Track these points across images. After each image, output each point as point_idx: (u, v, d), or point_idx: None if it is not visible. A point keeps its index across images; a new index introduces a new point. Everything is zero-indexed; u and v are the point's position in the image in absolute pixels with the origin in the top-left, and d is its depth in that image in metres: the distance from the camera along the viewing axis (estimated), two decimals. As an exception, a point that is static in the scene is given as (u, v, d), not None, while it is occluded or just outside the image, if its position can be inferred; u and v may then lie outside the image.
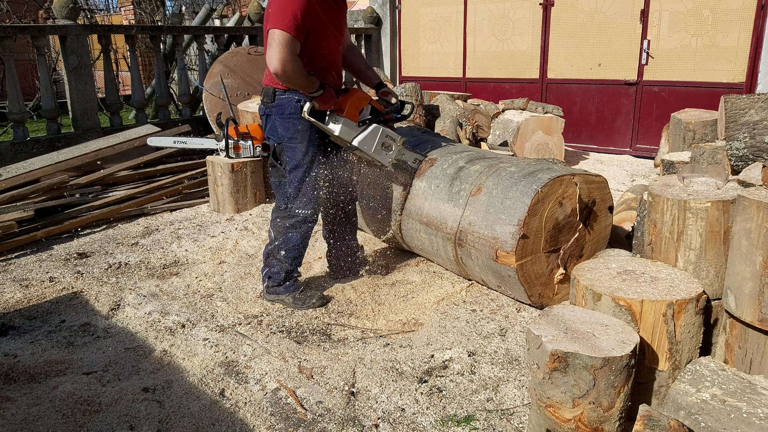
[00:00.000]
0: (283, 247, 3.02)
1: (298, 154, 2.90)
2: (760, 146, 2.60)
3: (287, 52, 2.63)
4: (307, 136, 2.88)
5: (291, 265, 3.05)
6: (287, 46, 2.62)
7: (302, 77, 2.71)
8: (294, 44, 2.65)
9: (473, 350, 2.58)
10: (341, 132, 2.91)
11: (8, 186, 4.28)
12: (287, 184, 2.98)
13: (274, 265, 3.06)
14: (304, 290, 3.09)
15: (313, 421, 2.13)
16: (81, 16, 9.86)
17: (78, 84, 5.71)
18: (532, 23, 7.14)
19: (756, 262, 1.80)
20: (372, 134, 3.02)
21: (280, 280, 3.06)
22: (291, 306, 3.04)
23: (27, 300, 3.18)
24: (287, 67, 2.64)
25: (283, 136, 2.91)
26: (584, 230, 2.96)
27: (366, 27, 8.50)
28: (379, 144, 3.05)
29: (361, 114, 2.99)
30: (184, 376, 2.42)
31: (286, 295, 3.06)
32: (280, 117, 2.88)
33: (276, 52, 2.63)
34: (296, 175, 2.92)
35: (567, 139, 6.78)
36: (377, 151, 3.06)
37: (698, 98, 6.19)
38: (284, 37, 2.62)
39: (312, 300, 3.04)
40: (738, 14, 5.82)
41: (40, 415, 2.15)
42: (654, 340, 1.95)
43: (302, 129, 2.87)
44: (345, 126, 2.91)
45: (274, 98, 2.88)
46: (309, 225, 3.01)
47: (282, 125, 2.89)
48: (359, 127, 2.98)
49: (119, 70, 11.13)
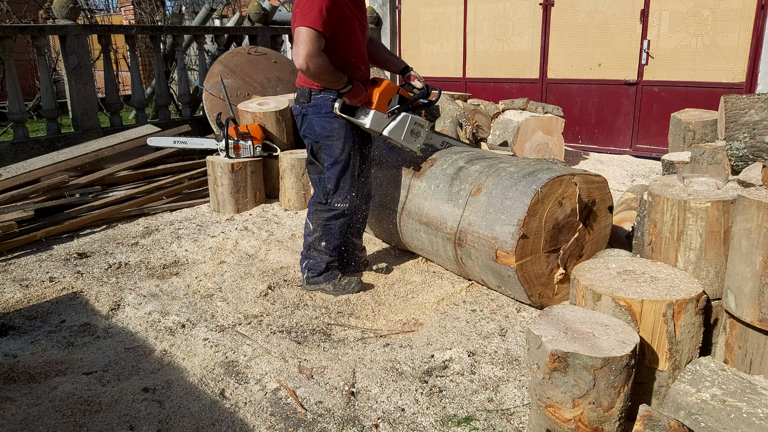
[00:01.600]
0: (324, 239, 3.13)
1: (336, 152, 2.99)
2: (760, 146, 2.60)
3: (312, 48, 2.68)
4: (343, 134, 2.98)
5: (331, 255, 3.16)
6: (312, 42, 2.67)
7: (328, 73, 2.77)
8: (319, 40, 2.71)
9: (473, 350, 2.58)
10: (372, 124, 2.99)
11: (8, 186, 4.28)
12: (326, 180, 3.07)
13: (315, 257, 3.17)
14: (342, 277, 3.19)
15: (313, 421, 2.13)
16: (81, 16, 9.87)
17: (78, 84, 5.71)
18: (532, 23, 7.14)
19: (756, 262, 1.80)
20: (401, 123, 3.09)
21: (321, 270, 3.17)
22: (332, 293, 3.16)
23: (27, 300, 3.18)
24: (312, 63, 2.70)
25: (321, 135, 2.99)
26: (584, 230, 2.96)
27: (366, 27, 8.50)
28: (408, 131, 3.13)
29: (390, 104, 3.06)
30: (184, 376, 2.42)
31: (327, 284, 3.18)
32: (317, 116, 2.96)
33: (301, 49, 2.68)
34: (335, 171, 3.02)
35: (567, 139, 6.78)
36: (407, 138, 3.14)
37: (698, 98, 6.19)
38: (309, 34, 2.67)
39: (351, 285, 3.16)
40: (738, 14, 5.82)
41: (40, 415, 2.15)
42: (654, 340, 1.95)
43: (338, 127, 2.96)
44: (375, 118, 2.99)
45: (311, 98, 2.95)
46: (347, 217, 3.13)
47: (319, 124, 2.97)
48: (389, 118, 3.06)
49: (119, 70, 11.13)
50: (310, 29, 2.67)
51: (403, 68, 3.26)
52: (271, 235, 4.13)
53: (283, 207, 4.76)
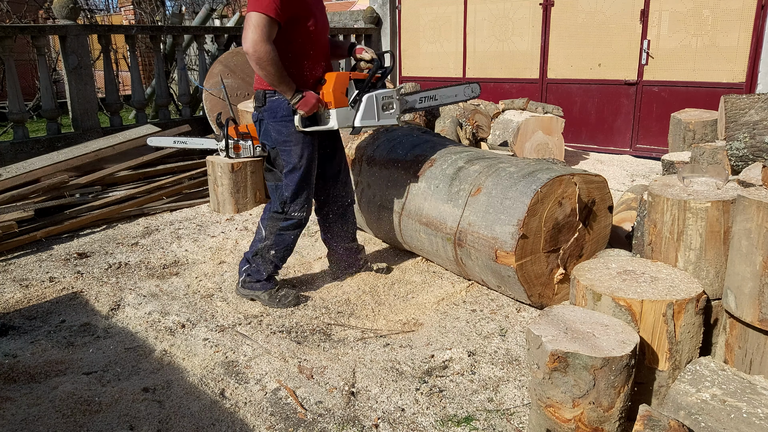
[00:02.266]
0: (274, 248, 3.01)
1: (294, 158, 2.86)
2: (760, 146, 2.60)
3: (260, 33, 2.57)
4: (301, 139, 2.85)
5: (276, 265, 3.06)
6: (260, 27, 2.57)
7: (274, 65, 2.62)
8: (269, 27, 2.60)
9: (473, 350, 2.58)
10: (340, 123, 2.85)
11: (8, 186, 4.28)
12: (283, 188, 2.93)
13: (259, 264, 3.04)
14: (280, 288, 3.08)
15: (313, 421, 2.13)
16: (81, 16, 9.87)
17: (78, 84, 5.71)
18: (532, 23, 7.14)
19: (756, 262, 1.80)
20: (368, 107, 2.93)
21: (260, 278, 3.05)
22: (266, 303, 3.04)
23: (27, 300, 3.18)
24: (258, 48, 2.58)
25: (277, 140, 2.87)
26: (584, 230, 2.96)
27: (366, 27, 8.50)
28: (380, 110, 2.98)
29: (348, 94, 2.89)
30: (184, 376, 2.42)
31: (262, 292, 3.05)
32: (273, 121, 2.84)
33: (249, 33, 2.58)
34: (293, 179, 2.89)
35: (567, 139, 6.78)
36: (381, 116, 2.99)
37: (698, 98, 6.18)
38: (260, 19, 2.57)
39: (287, 299, 3.03)
40: (738, 14, 5.82)
41: (40, 415, 2.15)
42: (654, 340, 1.95)
43: (296, 132, 2.83)
44: (340, 115, 2.84)
45: (265, 101, 2.83)
46: (301, 228, 3.05)
47: (275, 129, 2.85)
48: (353, 108, 2.90)
49: (119, 70, 11.13)
50: (261, 14, 2.56)
51: (350, 45, 3.11)
52: (271, 235, 4.13)
53: (283, 207, 4.76)
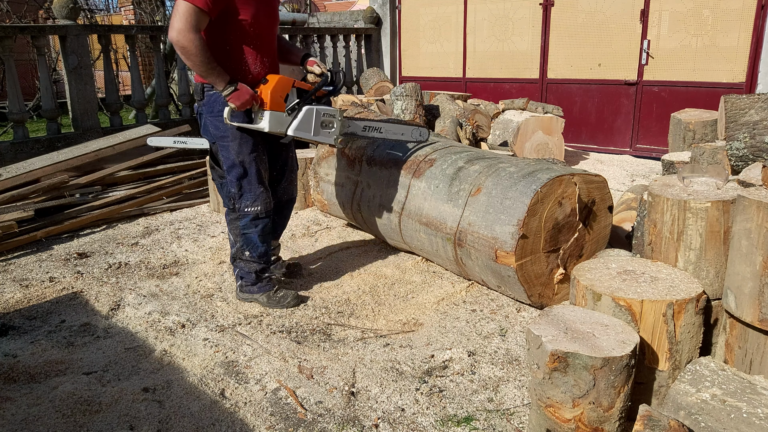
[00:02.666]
0: (245, 248, 2.95)
1: (232, 153, 2.78)
2: (760, 146, 2.60)
3: (186, 23, 2.49)
4: (238, 134, 2.76)
5: (259, 263, 2.98)
6: (187, 16, 2.49)
7: (203, 56, 2.53)
8: (197, 16, 2.51)
9: (473, 350, 2.58)
10: (271, 126, 2.73)
11: (8, 186, 4.28)
12: (228, 185, 2.88)
13: (242, 267, 3.01)
14: (279, 289, 3.03)
15: (313, 421, 2.13)
16: (81, 16, 9.87)
17: (78, 84, 5.71)
18: (532, 23, 7.14)
19: (756, 262, 1.80)
20: (305, 118, 2.81)
21: (253, 280, 3.01)
22: (266, 305, 3.00)
23: (27, 300, 3.18)
24: (183, 38, 2.49)
25: (215, 136, 2.80)
26: (584, 230, 2.96)
27: (366, 27, 8.50)
28: (318, 125, 2.85)
29: (288, 100, 2.78)
30: (184, 376, 2.42)
31: (260, 295, 3.02)
32: (210, 116, 2.77)
33: (175, 22, 2.50)
34: (234, 175, 2.82)
35: (567, 139, 6.78)
36: (317, 132, 2.86)
37: (698, 98, 6.19)
38: (187, 8, 2.50)
39: (287, 299, 2.99)
40: (738, 14, 5.82)
41: (40, 415, 2.15)
42: (654, 340, 1.95)
43: (233, 127, 2.75)
44: (273, 119, 2.72)
45: (203, 95, 2.76)
46: (263, 220, 2.92)
47: (213, 124, 2.78)
48: (289, 116, 2.78)
49: (119, 70, 11.13)
50: (187, 3, 2.48)
51: (304, 55, 3.01)
52: (271, 235, 4.13)
53: (283, 207, 4.76)
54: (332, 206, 3.97)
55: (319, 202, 4.09)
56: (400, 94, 5.28)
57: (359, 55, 8.71)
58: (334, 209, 3.98)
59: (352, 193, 3.69)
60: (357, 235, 4.08)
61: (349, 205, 3.76)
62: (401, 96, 5.28)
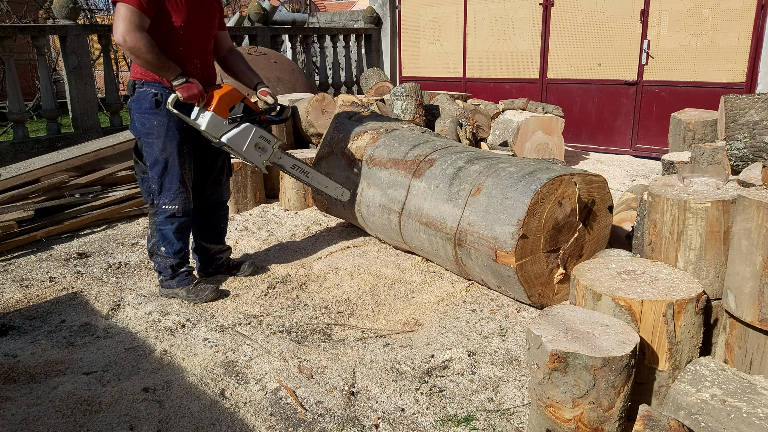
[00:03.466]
0: (161, 244, 3.03)
1: (156, 151, 2.85)
2: (760, 146, 2.60)
3: (129, 24, 2.59)
4: (163, 132, 2.83)
5: (174, 259, 3.05)
6: (128, 18, 2.59)
7: (152, 53, 2.63)
8: (137, 17, 2.61)
9: (473, 350, 2.58)
10: (208, 127, 2.81)
11: (8, 186, 4.28)
12: (150, 181, 2.94)
13: (158, 261, 3.09)
14: (198, 283, 3.10)
15: (313, 421, 2.13)
16: (81, 16, 9.86)
17: (78, 84, 5.72)
18: (532, 23, 7.14)
19: (756, 262, 1.80)
20: (243, 133, 2.92)
21: (170, 275, 3.08)
22: (185, 299, 3.07)
23: (27, 300, 3.18)
24: (129, 38, 2.59)
25: (141, 131, 2.87)
26: (584, 230, 2.96)
27: (366, 27, 8.50)
28: (252, 144, 2.96)
29: (233, 111, 2.90)
30: (184, 376, 2.42)
31: (180, 289, 3.09)
32: (137, 112, 2.85)
33: (119, 24, 2.59)
34: (156, 171, 2.89)
35: (567, 139, 6.78)
36: (249, 151, 2.97)
37: (698, 98, 6.19)
38: (125, 9, 2.59)
39: (205, 293, 3.06)
40: (738, 14, 5.82)
41: (40, 415, 2.15)
42: (654, 340, 1.95)
43: (158, 125, 2.82)
44: (212, 121, 2.81)
45: (134, 91, 2.85)
46: (180, 219, 2.99)
47: (139, 120, 2.86)
48: (229, 125, 2.88)
49: (119, 70, 11.13)
50: (126, 5, 2.58)
51: (258, 83, 3.14)
52: (271, 235, 4.13)
53: (283, 207, 4.76)
54: (332, 206, 3.97)
55: (319, 202, 4.09)
56: (400, 94, 5.28)
57: (359, 55, 8.71)
58: (334, 209, 3.98)
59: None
60: (357, 235, 4.08)
61: (349, 205, 3.76)
62: (401, 96, 5.28)
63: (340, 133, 3.86)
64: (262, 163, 3.07)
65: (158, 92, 2.80)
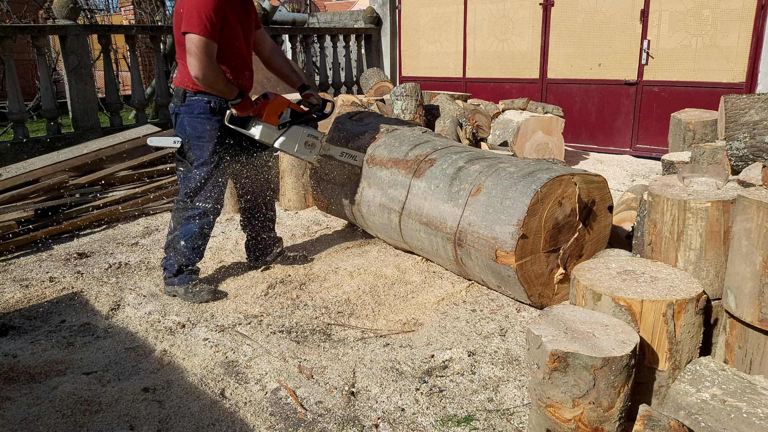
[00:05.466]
0: (182, 237, 3.10)
1: (205, 153, 3.00)
2: (760, 146, 2.60)
3: (205, 58, 2.74)
4: (214, 136, 2.99)
5: (187, 256, 3.12)
6: (203, 50, 2.72)
7: (223, 82, 2.82)
8: (211, 47, 2.76)
9: (473, 350, 2.58)
10: (261, 135, 3.07)
11: (8, 186, 4.28)
12: (191, 179, 3.05)
13: (171, 256, 3.14)
14: (198, 284, 3.15)
15: (313, 421, 2.13)
16: (81, 16, 9.86)
17: (78, 84, 5.72)
18: (532, 23, 7.14)
19: (756, 262, 1.80)
20: (292, 135, 3.18)
21: (174, 272, 3.13)
22: (182, 297, 3.12)
23: (27, 300, 3.18)
24: (208, 72, 2.75)
25: (191, 135, 3.00)
26: (584, 230, 2.96)
27: (366, 27, 8.50)
28: (302, 144, 3.22)
29: (281, 117, 3.15)
30: (184, 376, 2.42)
31: (179, 287, 3.14)
32: (188, 116, 2.97)
33: (196, 59, 2.72)
34: (201, 172, 3.02)
35: (567, 139, 6.78)
36: (300, 150, 3.23)
37: (698, 98, 6.19)
38: (199, 41, 2.70)
39: (202, 293, 3.11)
40: (738, 14, 5.82)
41: (40, 415, 2.15)
42: (654, 340, 1.95)
43: (210, 129, 2.97)
44: (264, 130, 3.07)
45: (185, 99, 2.97)
46: (209, 218, 3.11)
47: (190, 124, 2.98)
48: (279, 130, 3.13)
49: (119, 70, 11.13)
50: (201, 37, 2.69)
51: (302, 86, 3.33)
52: (271, 235, 4.12)
53: (283, 207, 4.76)
54: (332, 206, 3.97)
55: (320, 202, 4.09)
56: (400, 94, 5.28)
57: (359, 55, 8.71)
58: (334, 209, 3.98)
59: (352, 193, 3.69)
60: (357, 235, 4.08)
61: (349, 205, 3.76)
62: (401, 96, 5.28)
63: (341, 133, 3.86)
64: (313, 158, 3.33)
65: (211, 100, 2.94)
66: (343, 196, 3.81)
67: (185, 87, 2.95)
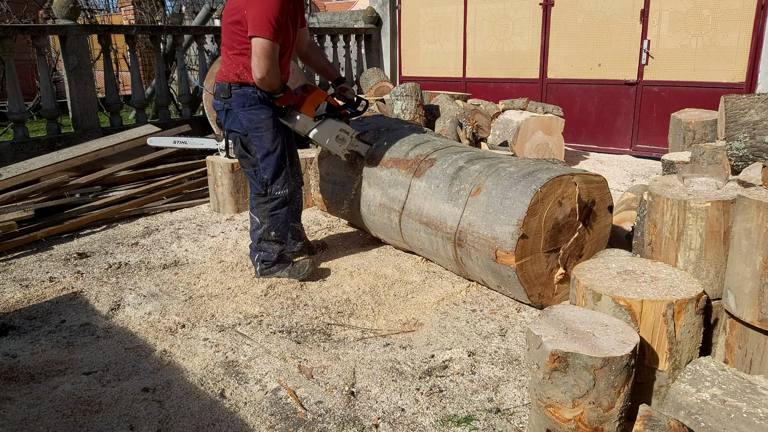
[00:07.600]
0: (273, 228, 3.21)
1: (267, 142, 3.07)
2: (760, 146, 2.60)
3: (271, 60, 2.81)
4: (272, 124, 3.07)
5: (281, 244, 3.25)
6: (269, 53, 2.79)
7: (278, 83, 2.94)
8: (276, 50, 2.84)
9: (473, 350, 2.58)
10: (298, 125, 3.21)
11: (8, 186, 4.28)
12: (261, 171, 3.13)
13: (266, 248, 3.26)
14: (295, 263, 3.30)
15: (313, 421, 2.13)
16: (81, 16, 9.86)
17: (78, 84, 5.71)
18: (532, 23, 7.14)
19: (756, 262, 1.80)
20: (326, 128, 3.32)
21: (273, 260, 3.27)
22: (287, 277, 3.28)
23: (27, 300, 3.18)
24: (271, 73, 2.85)
25: (249, 127, 3.06)
26: (584, 230, 2.96)
27: (366, 27, 8.50)
28: (333, 137, 3.37)
29: (318, 109, 3.28)
30: (184, 376, 2.42)
31: (282, 271, 3.29)
32: (242, 109, 3.04)
33: (263, 63, 2.79)
34: (269, 161, 3.10)
35: (567, 139, 6.78)
36: (331, 143, 3.38)
37: (698, 98, 6.19)
38: (269, 46, 2.77)
39: (305, 267, 3.28)
40: (738, 14, 5.82)
41: (40, 415, 2.15)
42: (654, 340, 1.95)
43: (266, 118, 3.05)
44: (302, 121, 3.20)
45: (231, 93, 3.03)
46: (289, 203, 3.22)
47: (246, 117, 3.04)
48: (315, 122, 3.26)
49: (119, 70, 11.12)
50: (267, 40, 2.76)
51: (338, 78, 3.49)
52: (271, 235, 4.12)
53: (283, 207, 4.76)
54: (333, 206, 3.97)
55: (320, 202, 4.09)
56: (400, 94, 5.28)
57: (359, 55, 8.71)
58: (335, 209, 3.98)
59: (352, 193, 3.69)
60: (357, 235, 4.08)
61: (349, 205, 3.76)
62: (401, 96, 5.28)
63: (340, 133, 3.86)
64: (342, 151, 3.48)
65: (257, 91, 3.02)
66: (343, 195, 3.81)
67: (230, 81, 3.00)
